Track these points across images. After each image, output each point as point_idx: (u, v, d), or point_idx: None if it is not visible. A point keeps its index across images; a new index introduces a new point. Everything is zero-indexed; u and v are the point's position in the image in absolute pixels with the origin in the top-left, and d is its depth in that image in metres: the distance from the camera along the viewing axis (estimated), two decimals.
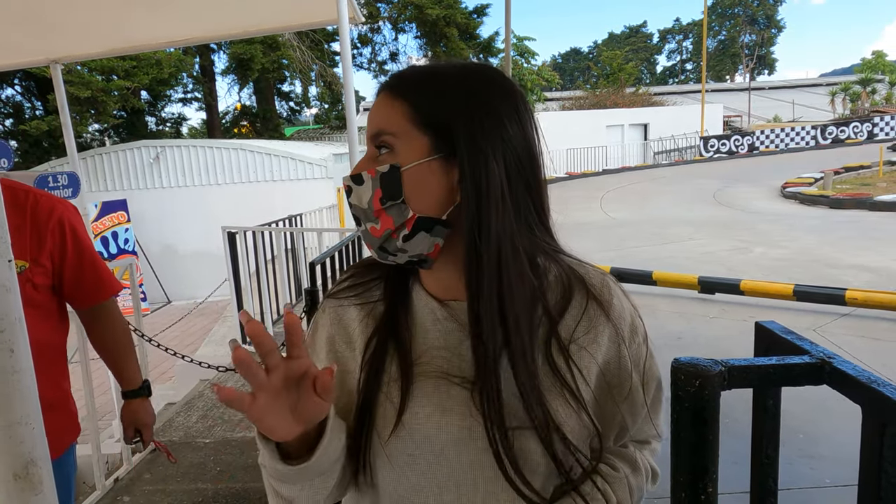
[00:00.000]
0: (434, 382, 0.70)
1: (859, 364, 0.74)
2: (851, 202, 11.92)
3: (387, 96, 0.71)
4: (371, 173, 0.68)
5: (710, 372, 0.71)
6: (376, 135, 0.70)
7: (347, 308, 0.79)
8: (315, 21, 4.26)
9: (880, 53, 47.50)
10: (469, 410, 0.67)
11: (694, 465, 0.73)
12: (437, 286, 0.75)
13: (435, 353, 0.71)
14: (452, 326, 0.72)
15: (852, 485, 2.31)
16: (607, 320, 0.72)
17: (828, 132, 26.14)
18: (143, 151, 11.93)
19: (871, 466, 0.67)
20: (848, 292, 5.37)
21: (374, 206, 0.68)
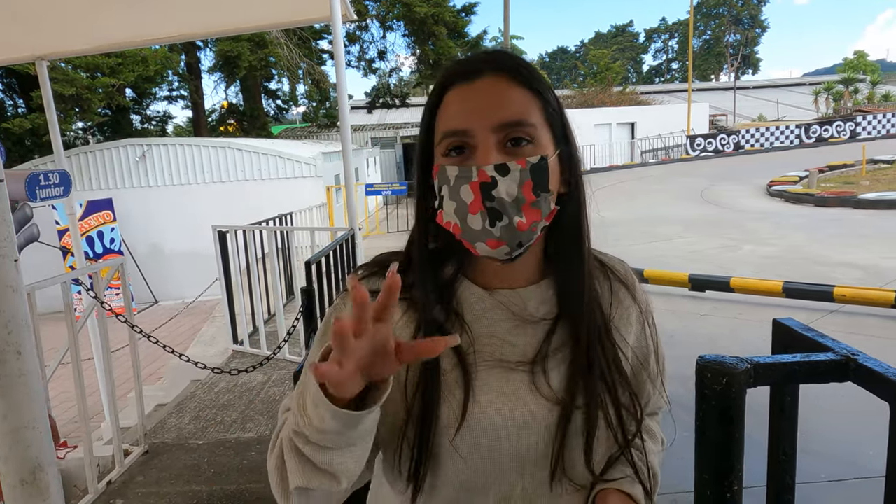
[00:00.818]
0: (491, 370, 0.71)
1: None
2: (836, 200, 12.07)
3: (513, 84, 0.68)
4: (521, 163, 0.66)
5: (736, 370, 0.70)
6: (515, 124, 0.67)
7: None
8: (308, 18, 4.22)
9: (862, 53, 48.19)
10: (530, 394, 0.70)
11: (720, 464, 0.72)
12: (484, 275, 0.75)
13: (486, 342, 0.72)
14: (502, 314, 0.73)
15: (847, 479, 2.34)
16: (633, 301, 0.80)
17: (811, 131, 26.45)
18: (129, 150, 11.79)
19: None
20: (836, 289, 5.43)
21: (528, 197, 0.66)
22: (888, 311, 5.18)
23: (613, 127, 27.21)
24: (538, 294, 0.75)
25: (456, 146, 0.68)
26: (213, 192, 11.87)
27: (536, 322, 0.73)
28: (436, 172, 0.70)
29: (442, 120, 0.70)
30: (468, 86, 0.69)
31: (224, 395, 4.00)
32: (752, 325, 5.27)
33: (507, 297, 0.74)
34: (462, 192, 0.67)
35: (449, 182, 0.68)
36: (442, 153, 0.70)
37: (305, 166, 12.03)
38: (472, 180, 0.66)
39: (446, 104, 0.70)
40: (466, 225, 0.67)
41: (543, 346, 0.72)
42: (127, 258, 11.31)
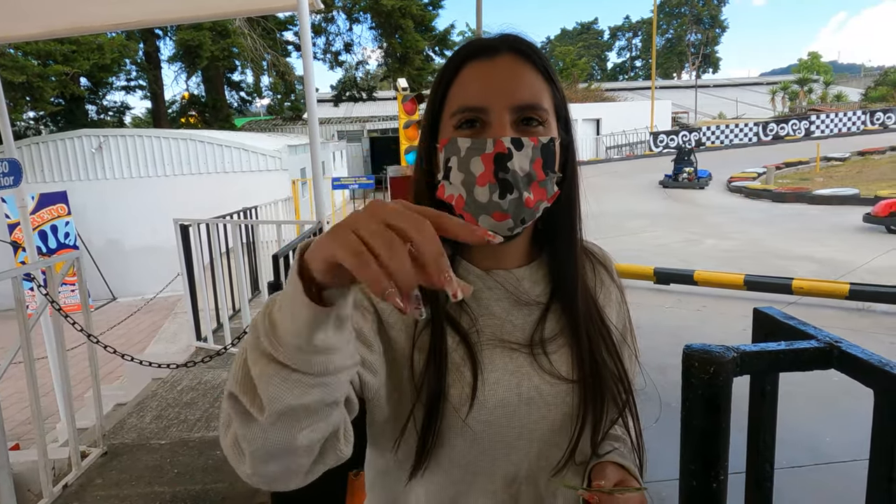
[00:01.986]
0: (494, 349, 0.71)
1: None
2: (793, 196, 12.48)
3: (530, 67, 0.70)
4: (534, 141, 0.67)
5: (723, 358, 0.69)
6: (530, 107, 0.68)
7: None
8: (273, 6, 4.11)
9: (815, 55, 49.98)
10: (534, 371, 0.71)
11: (706, 454, 0.71)
12: (479, 255, 0.76)
13: (486, 322, 0.73)
14: (499, 294, 0.75)
15: (807, 465, 2.41)
16: (612, 282, 0.85)
17: (769, 129, 27.30)
18: (85, 141, 11.36)
19: (884, 447, 0.66)
20: (794, 282, 5.60)
21: (539, 174, 0.67)
22: (842, 302, 5.38)
23: (579, 123, 27.54)
24: (531, 274, 0.77)
25: (469, 120, 0.69)
26: (173, 186, 11.54)
27: (531, 303, 0.75)
28: (443, 145, 0.70)
29: (457, 95, 0.70)
30: (487, 62, 0.69)
31: (187, 393, 3.88)
32: (716, 316, 5.40)
33: (502, 277, 0.75)
34: (472, 164, 0.67)
35: (459, 153, 0.68)
36: (454, 126, 0.70)
37: (270, 159, 11.81)
38: (485, 152, 0.66)
39: (463, 79, 0.70)
40: (472, 197, 0.67)
41: (539, 327, 0.73)
42: (83, 253, 10.92)
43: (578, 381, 0.72)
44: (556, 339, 0.74)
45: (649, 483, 2.65)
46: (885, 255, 7.23)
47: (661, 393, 4.19)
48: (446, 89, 0.72)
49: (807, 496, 2.74)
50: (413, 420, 0.69)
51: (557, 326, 0.74)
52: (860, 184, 13.29)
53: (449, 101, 0.71)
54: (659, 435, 3.25)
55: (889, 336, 4.69)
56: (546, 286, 0.77)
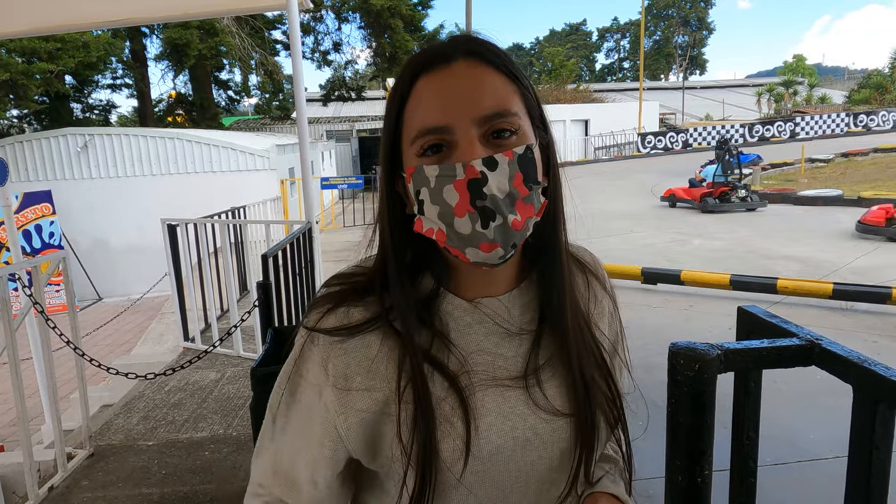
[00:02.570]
0: (486, 391, 0.66)
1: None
2: (778, 197, 12.63)
3: (490, 70, 0.62)
4: (508, 155, 0.59)
5: (708, 356, 0.71)
6: (497, 115, 0.61)
7: (352, 339, 0.66)
8: (263, 5, 4.10)
9: (800, 57, 50.58)
10: (529, 409, 0.66)
11: (691, 450, 0.73)
12: (465, 284, 0.69)
13: (476, 359, 0.67)
14: (488, 327, 0.68)
15: (791, 462, 2.45)
16: (605, 292, 0.79)
17: (754, 130, 27.58)
18: (70, 139, 11.23)
19: (862, 444, 0.68)
20: (779, 281, 5.67)
21: (521, 191, 0.60)
22: (826, 301, 5.46)
23: (568, 124, 27.67)
24: (520, 299, 0.71)
25: (433, 145, 0.61)
26: (160, 185, 11.45)
27: (522, 332, 0.69)
28: (410, 175, 0.63)
29: (414, 116, 0.62)
30: (441, 73, 0.62)
31: (175, 393, 3.86)
32: (702, 316, 5.46)
33: (490, 306, 0.69)
34: (445, 194, 0.60)
35: (429, 184, 0.61)
36: (416, 153, 0.62)
37: (259, 159, 11.74)
38: (456, 179, 0.59)
39: (417, 98, 0.62)
40: (453, 230, 0.60)
41: (532, 357, 0.68)
42: (68, 253, 10.80)
43: (574, 413, 0.67)
44: (550, 367, 0.68)
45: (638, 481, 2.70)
46: (868, 256, 7.34)
47: (647, 392, 4.20)
48: (401, 110, 0.64)
49: (788, 492, 2.79)
50: (406, 481, 0.64)
51: (549, 353, 0.69)
52: (844, 185, 13.48)
53: (406, 124, 0.63)
54: (645, 433, 3.28)
55: (870, 335, 4.76)
56: (536, 310, 0.71)
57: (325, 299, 0.69)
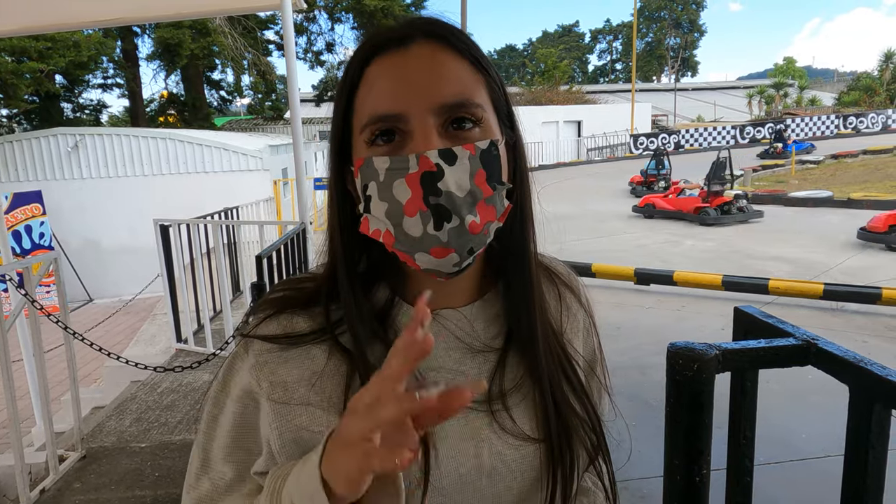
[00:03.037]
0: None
1: None
2: (769, 198, 12.72)
3: (453, 55, 0.55)
4: (469, 149, 0.53)
5: (706, 356, 0.71)
6: (458, 105, 0.54)
7: (293, 348, 0.59)
8: (257, 5, 4.09)
9: (791, 60, 51.02)
10: (494, 434, 0.59)
11: (689, 449, 0.73)
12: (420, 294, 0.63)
13: (435, 378, 0.59)
14: (448, 341, 0.61)
15: (785, 461, 2.46)
16: (580, 306, 0.71)
17: (745, 132, 27.80)
18: (61, 139, 11.14)
19: (858, 442, 0.69)
20: (771, 282, 5.71)
21: (484, 190, 0.53)
22: (816, 301, 5.50)
23: (560, 125, 27.77)
24: (484, 312, 0.64)
25: (384, 131, 0.54)
26: (152, 186, 11.38)
27: (487, 349, 0.62)
28: (358, 167, 0.56)
29: (365, 101, 0.55)
30: (397, 56, 0.55)
31: (168, 395, 3.84)
32: (695, 316, 5.49)
33: (451, 318, 0.62)
34: (395, 189, 0.53)
35: (378, 177, 0.54)
36: (367, 142, 0.55)
37: (252, 159, 11.70)
38: (409, 172, 0.52)
39: (369, 82, 0.55)
40: (401, 231, 0.53)
41: (497, 378, 0.61)
42: (59, 254, 10.71)
43: (545, 439, 0.60)
44: (519, 390, 0.61)
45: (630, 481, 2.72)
46: (858, 257, 7.41)
47: (641, 392, 4.25)
48: (350, 95, 0.57)
49: (780, 491, 2.81)
50: None
51: (518, 374, 0.61)
52: (834, 186, 13.59)
53: (357, 111, 0.56)
54: (639, 433, 3.30)
55: (860, 335, 4.81)
56: (502, 324, 0.63)
57: (266, 304, 0.62)
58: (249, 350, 0.60)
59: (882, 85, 37.24)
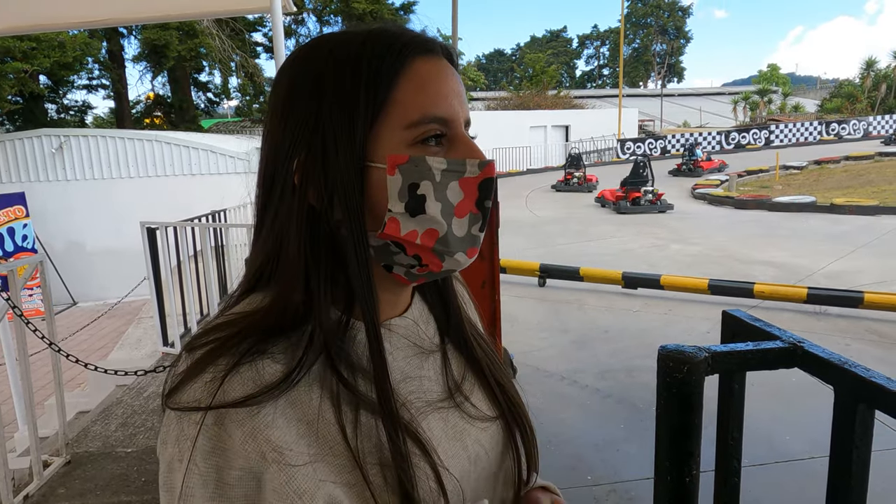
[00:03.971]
0: (427, 417, 0.59)
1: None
2: (753, 203, 12.88)
3: (459, 82, 0.58)
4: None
5: (696, 358, 0.73)
6: (468, 122, 0.58)
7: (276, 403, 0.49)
8: (246, 8, 4.08)
9: (775, 67, 51.79)
10: (469, 424, 0.62)
11: (680, 450, 0.75)
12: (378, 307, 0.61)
13: (406, 388, 0.59)
14: (405, 350, 0.61)
15: (769, 463, 2.49)
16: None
17: (731, 138, 28.14)
18: (45, 140, 11.00)
19: (843, 442, 0.71)
20: (756, 286, 5.79)
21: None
22: (801, 305, 5.58)
23: (549, 129, 27.92)
24: (421, 313, 0.66)
25: (437, 134, 0.53)
26: (138, 187, 11.27)
27: (433, 348, 0.64)
28: (398, 164, 0.52)
29: (416, 97, 0.53)
30: (438, 62, 0.55)
31: (154, 399, 3.80)
32: (681, 320, 5.54)
33: (402, 326, 0.62)
34: (450, 191, 0.53)
35: (433, 178, 0.52)
36: (411, 141, 0.52)
37: (239, 162, 11.64)
38: (466, 175, 0.53)
39: (418, 78, 0.53)
40: (449, 232, 0.53)
41: (448, 373, 0.64)
42: (43, 256, 10.57)
43: (501, 414, 0.65)
44: (466, 378, 0.65)
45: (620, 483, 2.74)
46: (841, 261, 7.52)
47: (629, 394, 4.27)
48: (389, 87, 0.52)
49: (768, 493, 2.84)
50: None
51: (460, 364, 0.66)
52: (817, 192, 13.80)
53: (396, 105, 0.53)
54: (627, 435, 3.32)
55: (843, 338, 4.88)
56: (433, 321, 0.67)
57: (206, 360, 0.50)
58: (227, 422, 0.48)
59: (863, 92, 37.91)
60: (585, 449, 3.22)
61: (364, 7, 21.78)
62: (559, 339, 5.13)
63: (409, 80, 0.53)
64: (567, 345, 4.99)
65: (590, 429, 3.43)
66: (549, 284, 6.80)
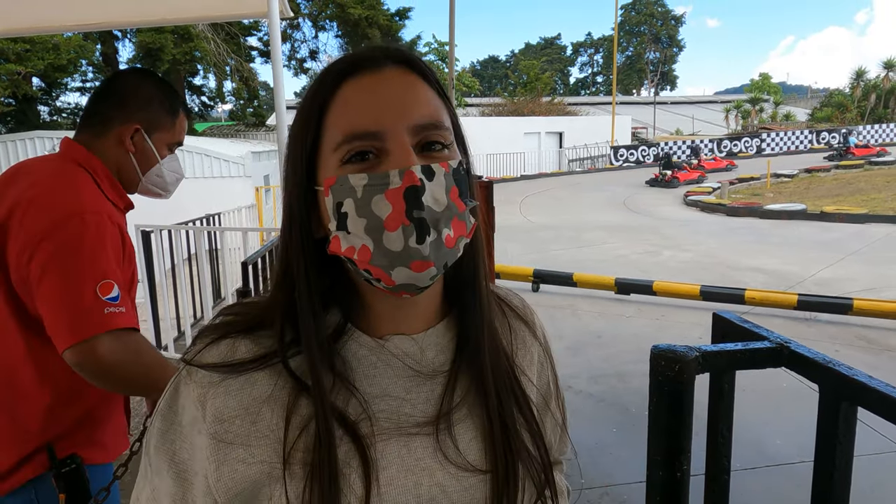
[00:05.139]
0: (389, 440, 0.57)
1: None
2: (745, 210, 13.00)
3: (421, 80, 0.58)
4: (444, 166, 0.55)
5: (687, 357, 0.75)
6: (431, 126, 0.56)
7: (234, 378, 0.57)
8: (243, 13, 4.09)
9: (766, 76, 52.31)
10: (436, 463, 0.58)
11: (671, 446, 0.77)
12: (375, 320, 0.62)
13: (380, 405, 0.59)
14: (396, 370, 0.60)
15: (760, 467, 2.53)
16: (534, 339, 0.72)
17: (723, 145, 28.38)
18: (38, 143, 10.96)
19: (827, 440, 0.74)
20: (747, 292, 5.84)
21: (458, 205, 0.55)
22: (791, 312, 5.64)
23: (542, 136, 28.05)
24: (437, 338, 0.63)
25: (360, 152, 0.55)
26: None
27: (436, 374, 0.62)
28: (329, 186, 0.55)
29: (339, 121, 0.56)
30: (371, 77, 0.56)
31: None
32: (673, 325, 5.58)
33: (401, 345, 0.61)
34: (375, 205, 0.53)
35: (355, 195, 0.54)
36: (340, 161, 0.55)
37: (234, 165, 11.64)
38: (390, 187, 0.53)
39: (343, 101, 0.56)
40: (382, 247, 0.53)
41: (445, 401, 0.60)
42: None
43: (490, 469, 0.59)
44: (464, 410, 0.61)
45: (612, 487, 2.77)
46: (831, 268, 7.61)
47: (621, 398, 4.30)
48: (321, 115, 0.57)
49: (758, 497, 2.87)
50: None
51: (462, 397, 0.61)
52: (807, 199, 13.95)
53: (328, 130, 0.56)
54: (619, 439, 3.35)
55: (832, 344, 4.94)
56: (453, 350, 0.63)
57: (210, 330, 0.61)
58: (192, 378, 0.58)
59: (853, 102, 38.35)
60: (578, 452, 3.25)
61: (359, 13, 21.86)
62: (553, 345, 5.14)
63: (337, 104, 0.56)
64: (560, 350, 5.02)
65: (582, 433, 3.46)
66: (543, 290, 6.84)
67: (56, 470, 1.22)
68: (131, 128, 1.31)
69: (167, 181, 1.44)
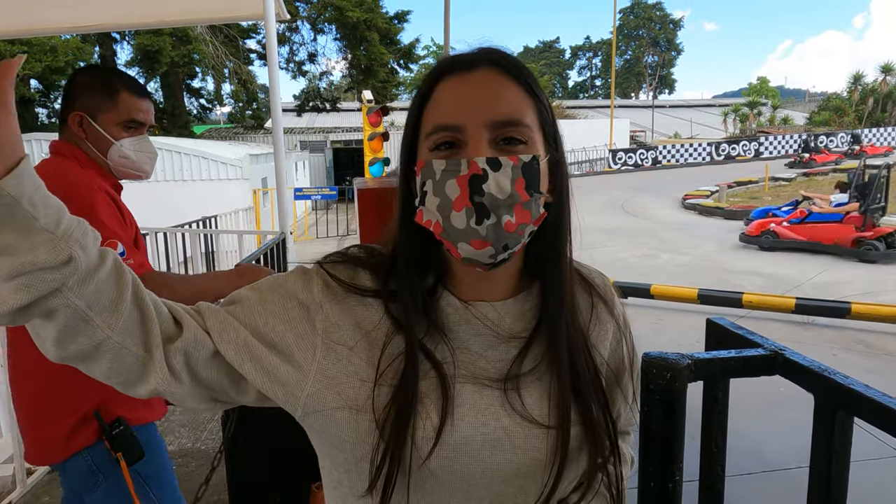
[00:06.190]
0: (465, 384, 0.66)
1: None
2: (743, 213, 12.99)
3: (509, 80, 0.66)
4: (513, 160, 0.62)
5: (679, 365, 0.74)
6: (509, 123, 0.64)
7: (355, 296, 0.69)
8: (239, 15, 4.09)
9: (764, 79, 52.49)
10: (504, 410, 0.66)
11: (663, 455, 0.76)
12: (462, 286, 0.71)
13: (460, 356, 0.68)
14: (478, 328, 0.69)
15: (756, 473, 2.51)
16: (611, 317, 0.78)
17: (721, 149, 28.41)
18: (35, 145, 10.92)
19: (822, 449, 0.72)
20: (744, 296, 5.83)
21: (521, 195, 0.62)
22: (789, 315, 5.63)
23: None
24: (515, 308, 0.71)
25: (446, 141, 0.64)
26: (128, 192, 11.05)
27: (512, 338, 0.70)
28: (420, 168, 0.66)
29: (431, 114, 0.66)
30: (461, 78, 0.66)
31: None
32: (671, 329, 5.57)
33: (483, 310, 0.70)
34: (448, 188, 0.62)
35: (434, 176, 0.64)
36: (429, 148, 0.66)
37: (231, 168, 11.63)
38: (460, 174, 0.62)
39: (437, 97, 0.67)
40: (449, 223, 0.63)
41: (516, 363, 0.68)
42: None
43: (555, 426, 0.66)
44: (534, 374, 0.68)
45: None
46: (828, 272, 7.60)
47: None
48: (421, 108, 0.68)
49: (754, 502, 2.86)
50: (374, 458, 0.64)
51: (538, 357, 0.69)
52: None
53: (424, 121, 0.67)
54: None
55: (830, 348, 4.93)
56: (531, 320, 0.71)
57: (339, 255, 0.73)
58: (320, 275, 0.70)
59: (851, 106, 38.43)
60: None
61: (358, 16, 21.86)
62: None
63: (433, 100, 0.67)
64: None
65: None
66: None
67: (107, 433, 1.37)
68: (76, 116, 1.44)
69: (136, 161, 1.55)
